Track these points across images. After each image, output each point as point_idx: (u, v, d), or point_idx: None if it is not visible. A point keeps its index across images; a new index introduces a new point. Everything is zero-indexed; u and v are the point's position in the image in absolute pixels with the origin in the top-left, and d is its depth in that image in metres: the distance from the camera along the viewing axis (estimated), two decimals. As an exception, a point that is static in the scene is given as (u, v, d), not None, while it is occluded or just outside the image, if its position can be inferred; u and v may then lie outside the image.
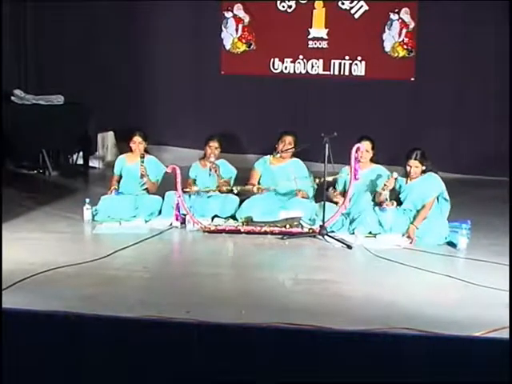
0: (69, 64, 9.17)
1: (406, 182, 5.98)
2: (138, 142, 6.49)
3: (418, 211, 5.80)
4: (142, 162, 6.37)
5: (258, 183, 6.48)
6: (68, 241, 5.61)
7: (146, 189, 6.47)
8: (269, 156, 6.55)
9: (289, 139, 6.43)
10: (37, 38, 9.35)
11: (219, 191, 6.34)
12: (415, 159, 5.84)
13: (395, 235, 5.73)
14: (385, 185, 5.89)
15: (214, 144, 6.49)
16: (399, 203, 5.98)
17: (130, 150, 6.60)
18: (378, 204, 5.94)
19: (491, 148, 8.33)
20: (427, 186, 5.86)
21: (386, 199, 5.99)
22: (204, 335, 3.41)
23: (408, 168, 5.89)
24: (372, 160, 6.23)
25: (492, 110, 8.38)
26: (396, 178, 5.94)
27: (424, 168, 5.88)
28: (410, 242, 5.64)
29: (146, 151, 6.56)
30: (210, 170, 6.38)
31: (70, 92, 8.66)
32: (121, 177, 6.59)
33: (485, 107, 8.50)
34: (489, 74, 8.37)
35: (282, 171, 6.45)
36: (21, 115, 8.40)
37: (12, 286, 4.30)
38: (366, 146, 6.09)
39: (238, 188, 6.30)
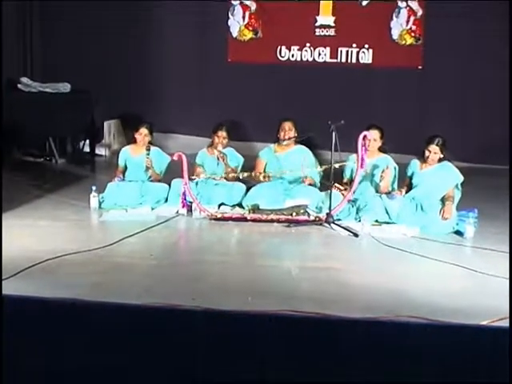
0: (75, 52, 9.16)
1: (421, 168, 5.94)
2: (144, 135, 6.49)
3: (442, 204, 5.77)
4: (148, 154, 6.36)
5: (264, 172, 6.47)
6: (75, 228, 5.62)
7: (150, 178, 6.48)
8: (273, 144, 6.57)
9: (288, 125, 6.42)
10: (43, 26, 9.33)
11: (225, 179, 6.35)
12: (437, 145, 5.82)
13: (402, 224, 5.72)
14: (381, 176, 5.89)
15: (223, 134, 6.48)
16: (410, 189, 5.96)
17: (134, 141, 6.60)
18: (385, 193, 5.93)
19: (499, 137, 8.29)
20: (445, 176, 5.84)
21: (393, 188, 5.99)
22: (210, 322, 3.42)
23: (427, 153, 5.85)
24: (380, 149, 6.21)
25: (500, 99, 8.32)
26: (395, 168, 6.00)
27: (442, 156, 5.86)
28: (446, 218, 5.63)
29: (151, 143, 6.56)
30: (218, 158, 6.39)
31: (76, 80, 8.66)
32: (125, 168, 6.59)
33: (493, 95, 8.45)
34: (498, 62, 8.31)
35: (288, 158, 6.44)
36: (27, 103, 8.40)
37: (19, 273, 4.31)
38: (374, 134, 6.06)
39: (245, 174, 6.30)
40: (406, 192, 5.95)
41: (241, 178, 6.32)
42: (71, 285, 4.21)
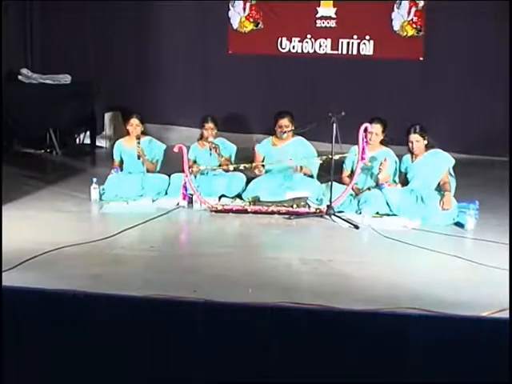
0: (76, 43, 9.14)
1: (412, 161, 5.96)
2: (135, 125, 6.45)
3: (441, 194, 5.75)
4: (138, 142, 6.35)
5: (262, 166, 6.45)
6: (75, 220, 5.63)
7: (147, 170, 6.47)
8: (271, 137, 6.55)
9: (285, 123, 6.36)
10: (44, 17, 9.31)
11: (223, 169, 6.34)
12: (415, 133, 5.83)
13: (402, 217, 5.72)
14: (379, 169, 5.89)
15: (210, 125, 6.46)
16: (406, 183, 5.97)
17: (127, 134, 6.59)
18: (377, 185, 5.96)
19: (500, 128, 8.28)
20: (436, 162, 5.86)
21: (395, 181, 5.99)
22: (211, 314, 3.42)
23: (410, 144, 5.88)
24: (382, 142, 6.19)
25: (501, 91, 8.30)
26: (396, 161, 6.01)
27: (426, 142, 5.86)
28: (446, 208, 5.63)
29: (144, 133, 6.54)
30: (211, 149, 6.37)
31: (77, 71, 8.64)
32: (122, 162, 6.58)
33: (494, 87, 8.43)
34: (499, 54, 8.29)
35: (286, 151, 6.42)
36: (28, 94, 8.39)
37: (20, 265, 4.32)
38: (376, 128, 6.04)
39: (246, 165, 6.29)
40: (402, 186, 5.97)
41: (241, 168, 6.31)
42: (72, 276, 4.22)
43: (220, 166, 6.39)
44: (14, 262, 4.31)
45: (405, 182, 6.02)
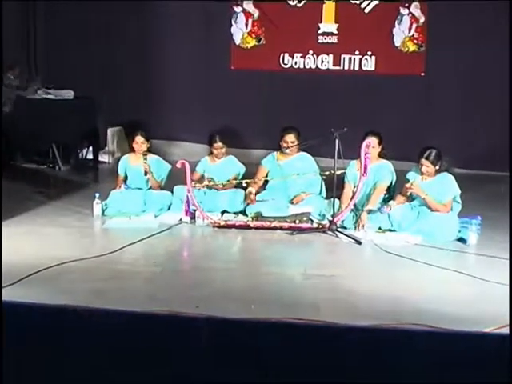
0: (79, 59, 9.18)
1: (421, 180, 5.90)
2: (140, 142, 6.47)
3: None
4: (145, 159, 6.36)
5: (266, 181, 6.47)
6: (78, 235, 5.62)
7: (150, 187, 6.46)
8: (276, 152, 6.57)
9: (291, 138, 6.38)
10: (47, 33, 9.37)
11: (226, 188, 6.35)
12: (426, 159, 5.79)
13: (404, 232, 5.71)
14: (387, 205, 5.88)
15: (218, 145, 6.48)
16: (411, 199, 5.95)
17: (133, 151, 6.60)
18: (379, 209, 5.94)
19: (502, 143, 8.28)
20: (442, 188, 5.80)
21: (391, 196, 5.99)
22: (213, 330, 3.41)
23: (420, 166, 5.85)
24: (380, 155, 6.20)
25: (502, 105, 8.33)
26: (392, 173, 6.08)
27: (437, 168, 5.82)
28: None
29: (149, 151, 6.55)
30: (205, 187, 6.34)
31: (80, 87, 8.68)
32: (126, 177, 6.59)
33: (495, 102, 8.45)
34: (500, 69, 8.32)
35: (290, 166, 6.43)
36: (31, 109, 8.42)
37: (22, 280, 4.32)
38: (372, 142, 6.03)
39: (248, 181, 6.30)
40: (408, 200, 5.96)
41: (243, 184, 6.33)
42: (73, 292, 4.22)
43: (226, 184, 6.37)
44: (16, 277, 4.31)
45: (410, 196, 5.98)
